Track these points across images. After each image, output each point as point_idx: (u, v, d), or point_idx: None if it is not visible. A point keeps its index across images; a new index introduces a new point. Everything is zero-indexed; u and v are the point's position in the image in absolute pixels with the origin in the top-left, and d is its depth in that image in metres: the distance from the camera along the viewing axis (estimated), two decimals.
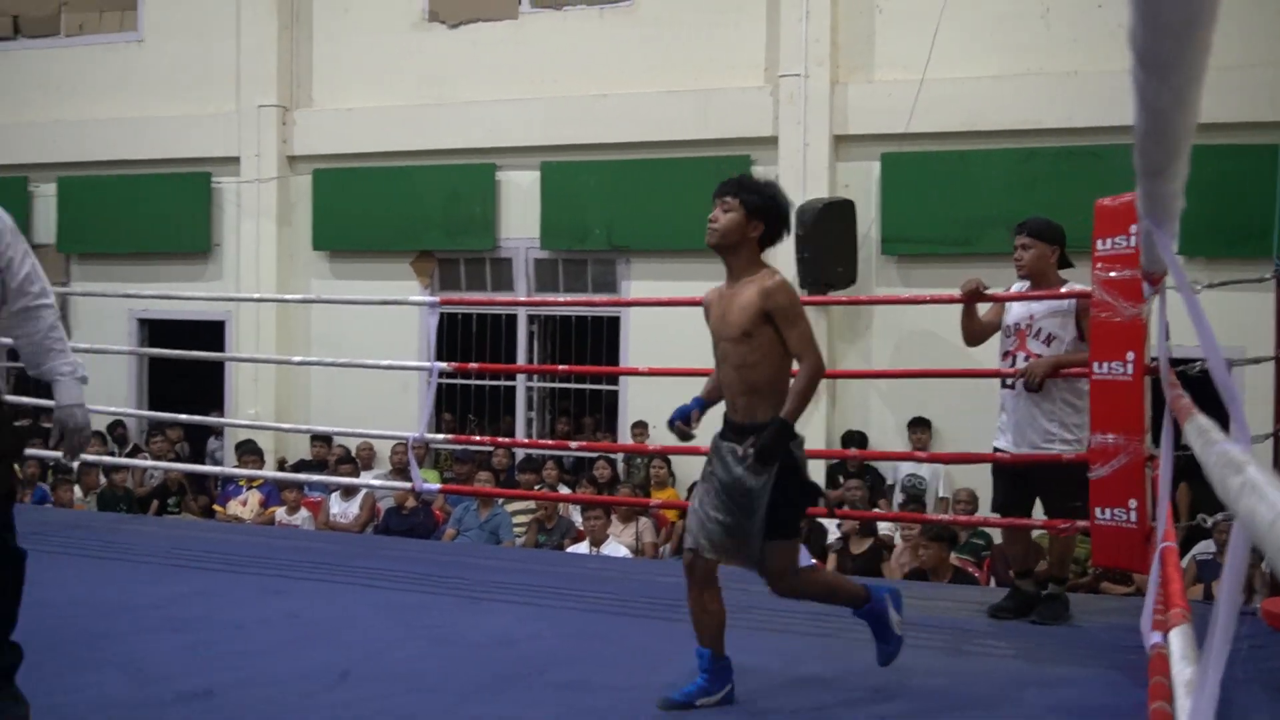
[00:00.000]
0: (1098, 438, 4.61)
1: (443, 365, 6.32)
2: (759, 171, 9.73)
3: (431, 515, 8.58)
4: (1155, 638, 3.40)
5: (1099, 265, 4.63)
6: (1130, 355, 4.54)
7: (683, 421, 3.95)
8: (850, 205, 9.26)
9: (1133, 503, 4.53)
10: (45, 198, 12.05)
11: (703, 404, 3.97)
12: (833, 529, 7.85)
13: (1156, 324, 4.62)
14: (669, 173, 9.98)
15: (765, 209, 3.63)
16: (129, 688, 3.77)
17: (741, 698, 3.77)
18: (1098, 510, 4.63)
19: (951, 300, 5.22)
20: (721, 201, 3.64)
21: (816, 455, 9.07)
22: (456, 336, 10.57)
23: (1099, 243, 4.65)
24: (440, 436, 6.62)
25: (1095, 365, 4.62)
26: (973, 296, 4.97)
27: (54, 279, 11.72)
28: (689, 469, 9.21)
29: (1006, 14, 9.10)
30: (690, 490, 6.10)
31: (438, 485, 7.02)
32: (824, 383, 9.28)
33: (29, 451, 8.51)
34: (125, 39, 11.97)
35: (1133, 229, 4.48)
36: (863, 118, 9.44)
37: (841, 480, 8.70)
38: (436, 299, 6.52)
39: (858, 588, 3.80)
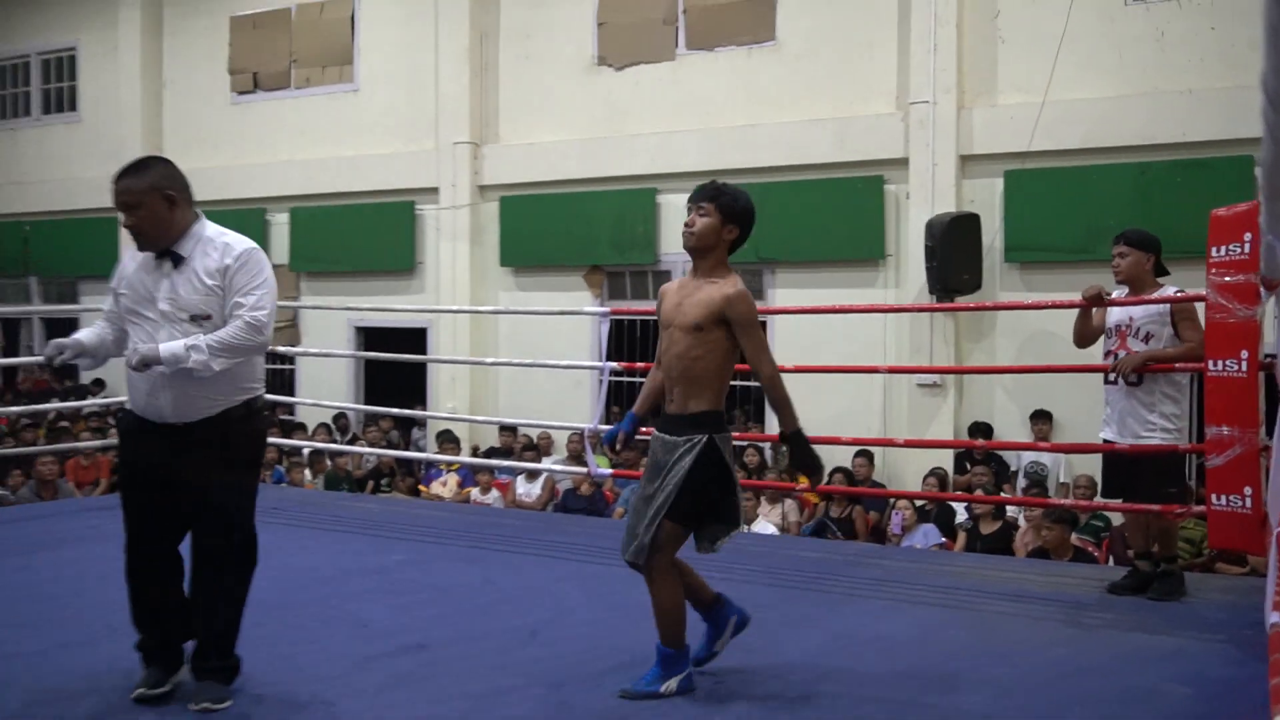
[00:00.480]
0: (1213, 430, 4.44)
1: (613, 365, 6.41)
2: (891, 191, 9.61)
3: (603, 496, 8.72)
4: (1275, 617, 3.26)
5: (1214, 270, 4.45)
6: (1244, 354, 4.38)
7: (610, 445, 3.69)
8: (975, 218, 9.05)
9: (1248, 490, 4.36)
10: (279, 225, 12.65)
11: (635, 421, 3.64)
12: (960, 510, 7.70)
13: (1271, 325, 4.43)
14: (809, 192, 9.91)
15: (739, 214, 3.40)
16: (355, 642, 3.91)
17: (881, 665, 3.76)
18: (1214, 496, 4.46)
19: (1070, 305, 5.08)
20: (698, 207, 3.40)
21: (944, 445, 8.94)
22: (623, 339, 10.70)
23: (1214, 250, 4.47)
24: (612, 427, 6.71)
25: (1210, 363, 4.45)
26: (1094, 301, 4.85)
27: (287, 294, 12.36)
28: (831, 456, 9.14)
29: (1123, 37, 8.75)
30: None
31: (609, 470, 7.10)
32: (951, 377, 9.18)
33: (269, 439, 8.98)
34: (344, 89, 12.47)
35: (1246, 236, 4.31)
36: (987, 138, 9.20)
37: (968, 466, 8.52)
38: (607, 309, 6.62)
39: (683, 635, 3.37)
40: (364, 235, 12.09)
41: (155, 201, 3.13)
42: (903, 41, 9.55)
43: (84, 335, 3.37)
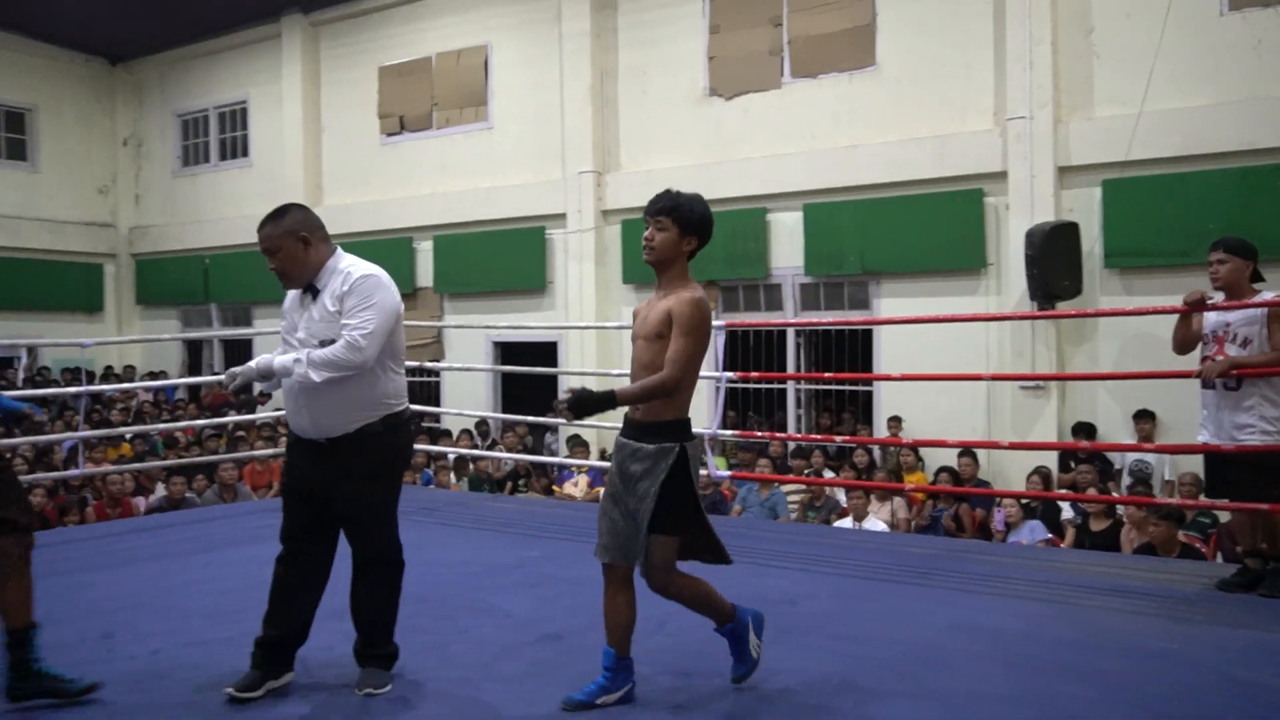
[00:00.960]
0: None
1: (729, 374, 6.39)
2: (991, 203, 9.35)
3: (721, 495, 8.68)
4: None
5: None
6: None
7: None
8: (1074, 227, 8.73)
9: None
10: (424, 252, 13.00)
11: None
12: (1066, 508, 7.43)
13: None
14: (911, 207, 9.72)
15: (696, 225, 3.16)
16: (499, 631, 3.98)
17: (991, 656, 3.65)
18: None
19: (1171, 310, 4.86)
20: (655, 221, 3.16)
21: (1049, 447, 8.63)
22: (737, 348, 10.67)
23: None
24: (728, 432, 6.69)
25: None
26: (1198, 305, 4.63)
27: (431, 314, 12.68)
28: (936, 456, 8.94)
29: (1219, 46, 8.34)
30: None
31: (727, 471, 7.09)
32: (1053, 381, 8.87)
33: (417, 446, 9.22)
34: (479, 128, 12.76)
35: None
36: (1084, 150, 8.87)
37: (1072, 465, 8.21)
38: (723, 322, 6.60)
39: (726, 605, 3.29)
40: (499, 258, 12.34)
41: (291, 244, 3.24)
42: (999, 61, 9.29)
43: (255, 363, 3.43)
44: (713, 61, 10.99)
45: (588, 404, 3.01)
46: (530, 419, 8.82)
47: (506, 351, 12.51)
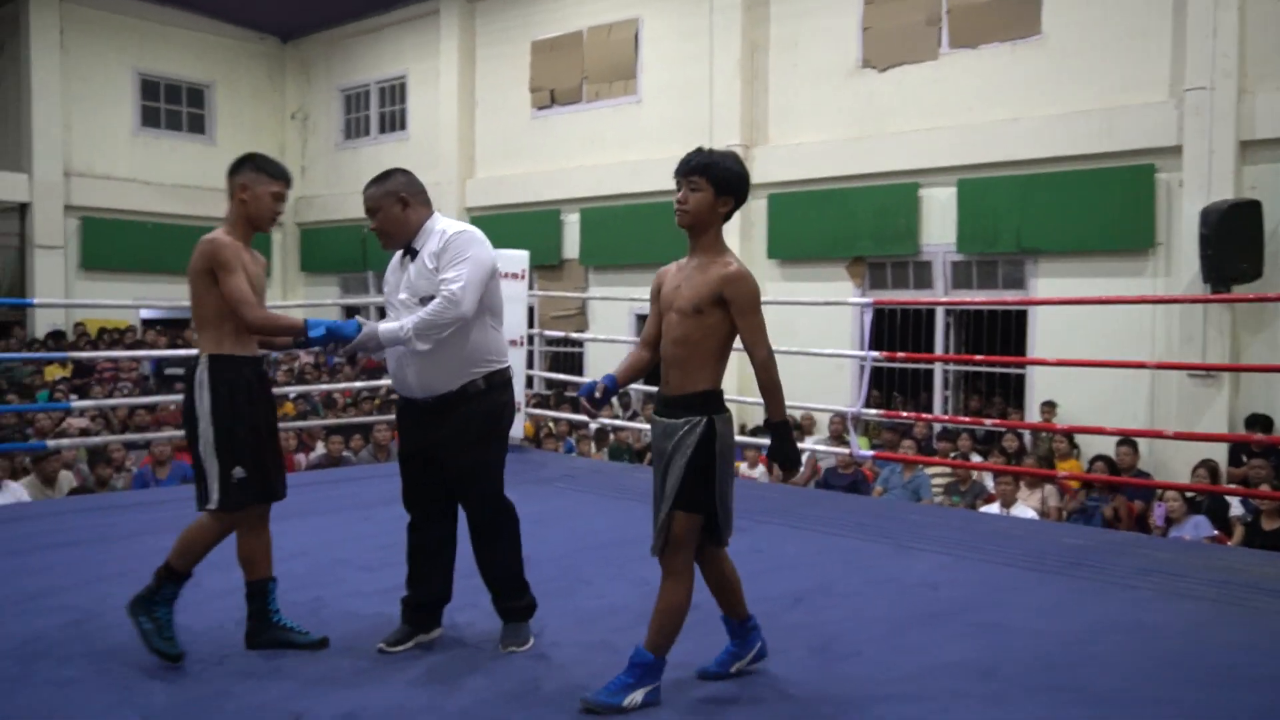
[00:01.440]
0: None
1: (875, 354, 6.25)
2: (1163, 180, 8.84)
3: (862, 475, 8.56)
4: None
5: None
6: None
7: (587, 398, 3.15)
8: (1256, 205, 8.16)
9: None
10: (571, 224, 13.20)
11: (613, 381, 3.16)
12: (1235, 504, 7.00)
13: None
14: (1075, 183, 9.28)
15: (734, 184, 2.96)
16: (639, 599, 3.99)
17: (1145, 655, 3.48)
18: None
19: None
20: (688, 181, 2.95)
21: (1218, 438, 8.13)
22: (883, 326, 10.45)
23: None
24: (873, 412, 6.57)
25: None
26: None
27: (576, 286, 12.88)
28: (1093, 444, 8.55)
29: None
30: None
31: (870, 451, 6.96)
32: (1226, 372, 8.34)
33: (557, 415, 9.41)
34: (628, 101, 12.84)
35: None
36: (1271, 123, 8.27)
37: (1244, 459, 7.72)
38: (871, 300, 6.46)
39: (669, 645, 2.99)
40: (645, 231, 12.40)
41: (391, 204, 3.32)
42: (1178, 28, 8.74)
43: (363, 333, 3.38)
44: (867, 33, 10.72)
45: (787, 445, 2.97)
46: None
47: None
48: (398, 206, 3.32)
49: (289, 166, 3.56)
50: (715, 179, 2.93)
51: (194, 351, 3.42)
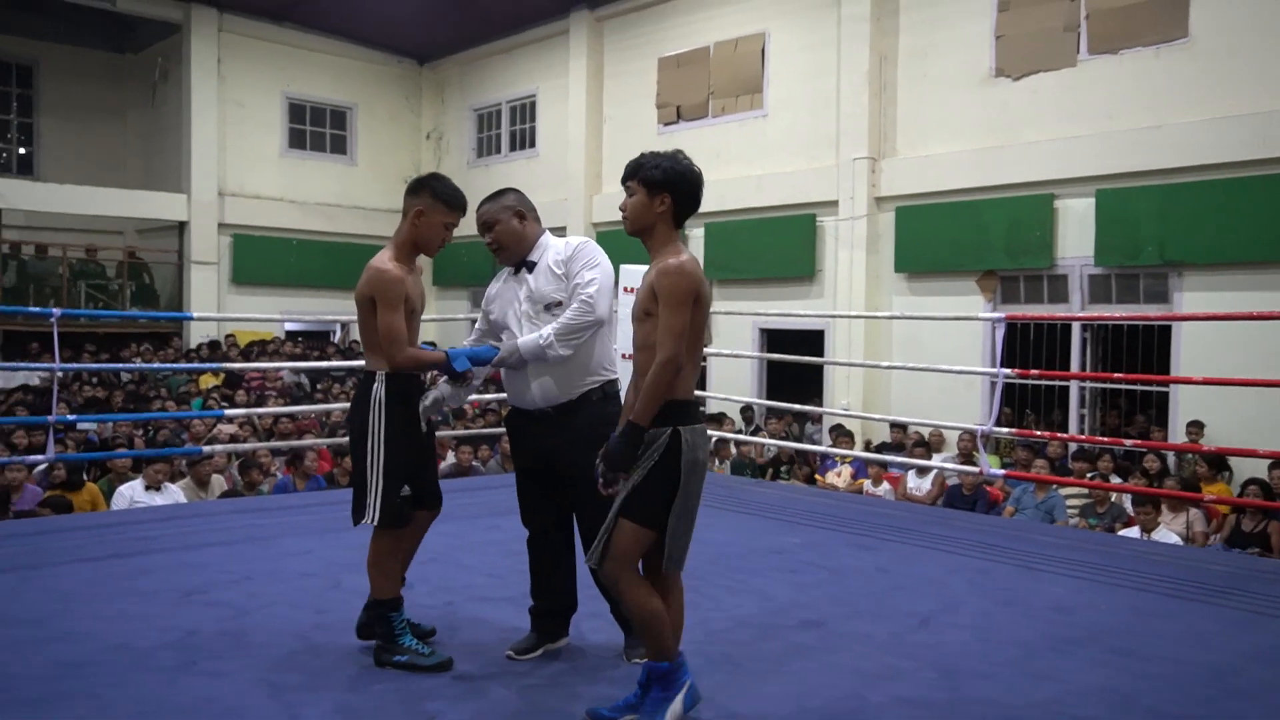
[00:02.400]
0: None
1: (1007, 371, 6.07)
2: None
3: (986, 494, 8.29)
4: None
5: None
6: None
7: None
8: None
9: None
10: (695, 238, 13.25)
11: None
12: None
13: None
14: (1223, 192, 8.83)
15: (664, 181, 2.85)
16: (761, 613, 4.03)
17: (1191, 656, 3.29)
18: None
19: None
20: (625, 188, 2.90)
21: None
22: (1015, 341, 10.14)
23: None
24: (1006, 430, 6.37)
25: None
26: None
27: None
28: (1244, 467, 8.10)
29: None
30: None
31: (1001, 470, 6.77)
32: None
33: None
34: (754, 115, 12.83)
35: None
36: None
37: None
38: (1003, 315, 6.27)
39: (672, 646, 2.82)
40: (769, 245, 12.37)
41: (509, 218, 3.42)
42: None
43: (503, 351, 3.42)
44: (1000, 40, 10.46)
45: (624, 450, 2.77)
46: (795, 407, 8.81)
47: (773, 338, 12.54)
48: (515, 220, 3.43)
49: None
50: (644, 179, 2.87)
51: (337, 364, 3.57)
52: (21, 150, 16.91)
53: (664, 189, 2.86)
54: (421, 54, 17.89)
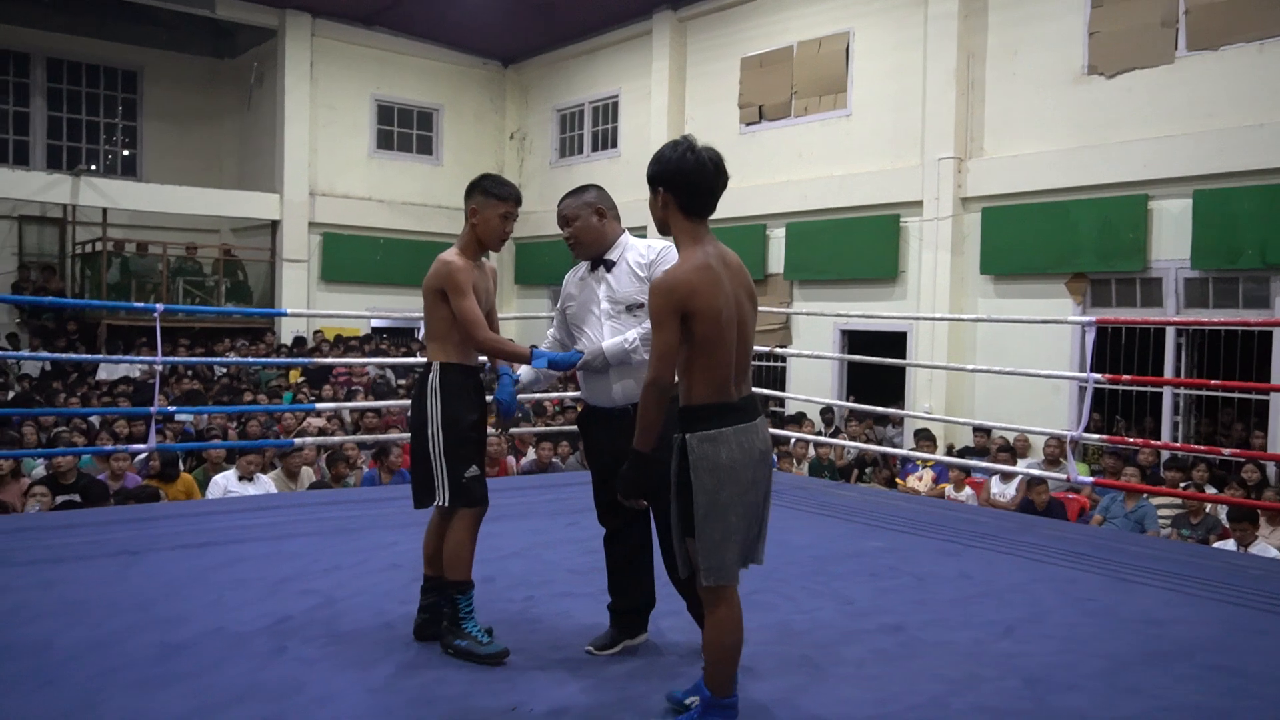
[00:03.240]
0: None
1: (1098, 376, 5.91)
2: None
3: (1059, 503, 8.05)
4: None
5: None
6: None
7: None
8: None
9: None
10: (777, 239, 13.18)
11: None
12: None
13: None
14: None
15: (657, 176, 2.77)
16: (841, 616, 4.01)
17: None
18: None
19: None
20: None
21: None
22: (1105, 346, 9.87)
23: None
24: (1095, 437, 6.21)
25: None
26: None
27: (779, 301, 12.84)
28: None
29: None
30: None
31: (1090, 477, 6.59)
32: None
33: None
34: (837, 115, 12.71)
35: None
36: None
37: None
38: (1093, 319, 6.11)
39: (728, 682, 2.73)
40: (851, 246, 12.24)
41: (589, 215, 3.44)
42: None
43: (588, 355, 3.46)
44: (1094, 37, 10.19)
45: (632, 481, 2.80)
46: (876, 409, 8.72)
47: (854, 340, 12.41)
48: (595, 217, 3.46)
49: None
50: (650, 179, 2.81)
51: (421, 360, 3.66)
52: (126, 152, 17.59)
53: (657, 184, 2.77)
54: (506, 56, 18.12)
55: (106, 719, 2.79)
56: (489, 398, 3.55)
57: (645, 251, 3.46)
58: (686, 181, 2.72)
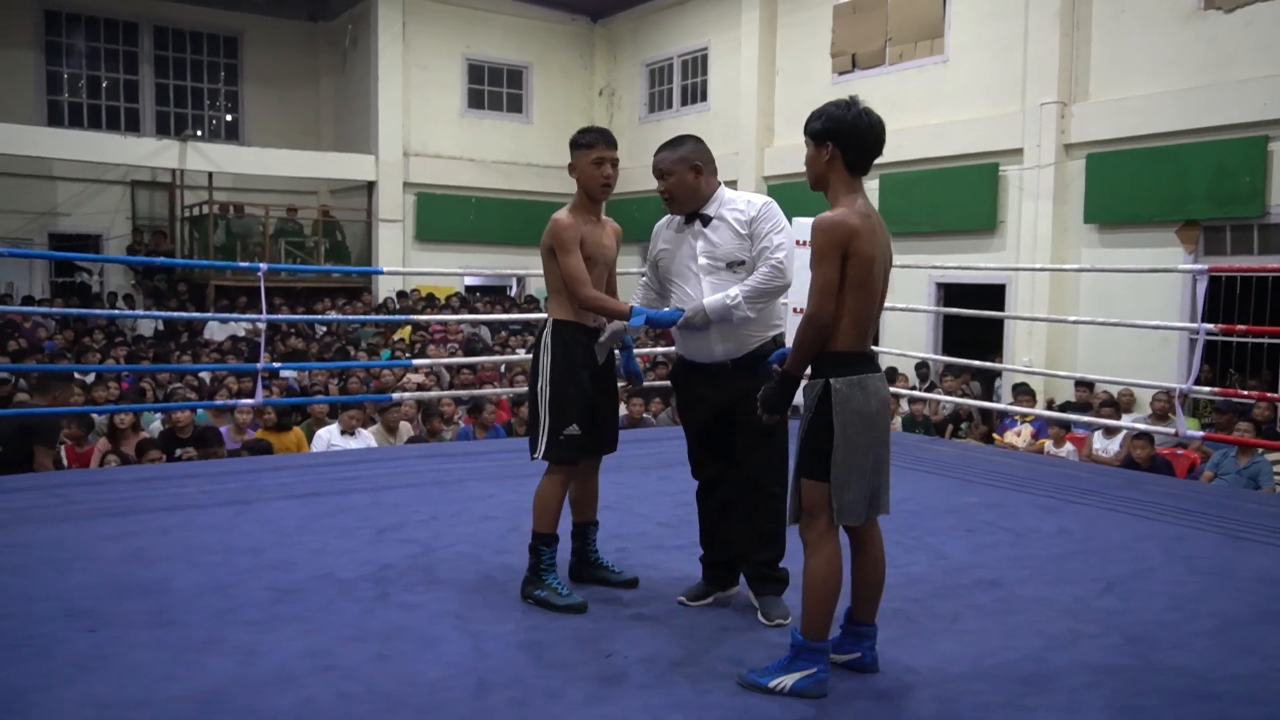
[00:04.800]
0: None
1: (1209, 327, 5.66)
2: None
3: (1164, 460, 7.75)
4: None
5: None
6: None
7: None
8: None
9: None
10: (870, 191, 12.77)
11: None
12: None
13: None
14: None
15: (825, 131, 2.79)
16: (937, 571, 3.97)
17: None
18: None
19: None
20: (807, 144, 2.85)
21: None
22: (1219, 296, 9.46)
23: None
24: (1206, 389, 5.97)
25: None
26: None
27: None
28: None
29: None
30: None
31: (1200, 432, 6.35)
32: None
33: None
34: (934, 61, 12.34)
35: None
36: None
37: None
38: (1205, 267, 5.85)
39: (823, 627, 2.74)
40: (947, 197, 11.94)
41: (685, 170, 3.37)
42: None
43: (689, 312, 3.42)
44: None
45: (774, 398, 2.89)
46: (973, 363, 8.53)
47: (950, 293, 12.13)
48: (691, 173, 3.40)
49: None
50: (810, 131, 2.85)
51: (514, 317, 3.71)
52: (229, 117, 18.09)
53: (827, 139, 2.80)
54: (594, 11, 18.02)
55: (227, 656, 2.93)
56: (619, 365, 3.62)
57: (745, 208, 3.40)
58: (859, 140, 2.80)
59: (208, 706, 2.60)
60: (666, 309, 3.45)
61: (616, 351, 3.68)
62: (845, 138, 2.79)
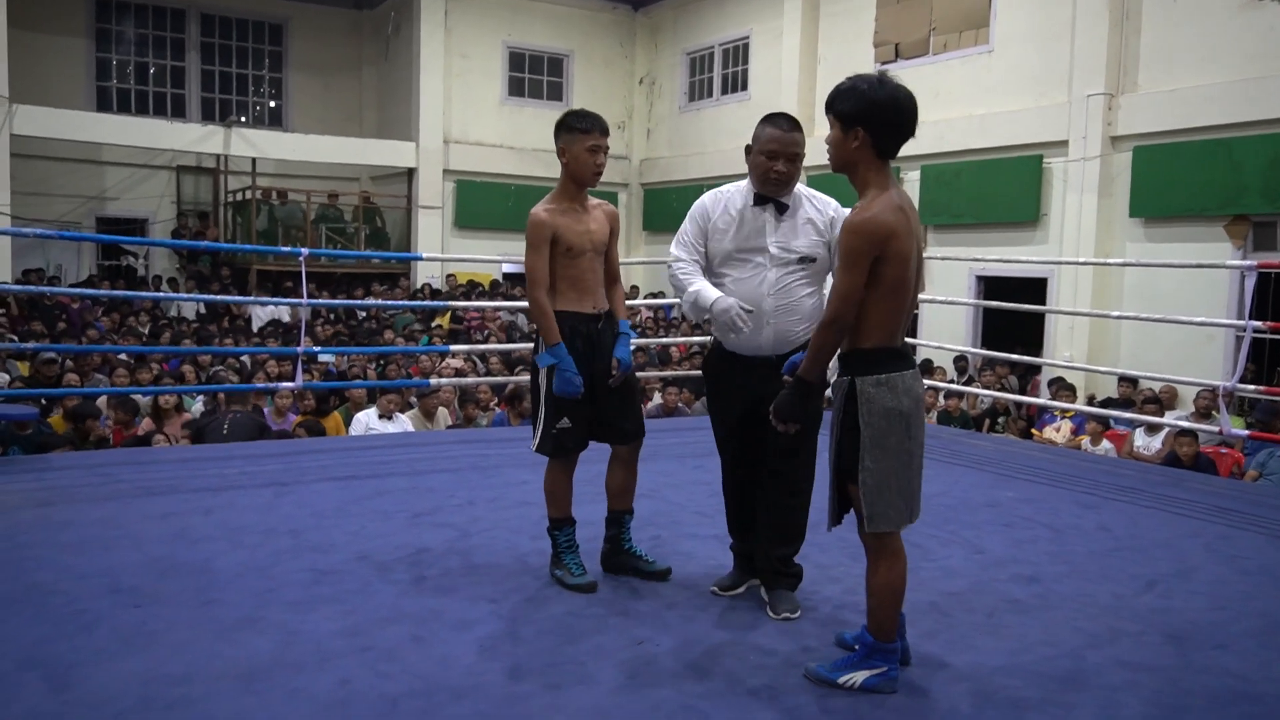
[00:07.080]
0: None
1: (1258, 324, 5.55)
2: None
3: (1208, 458, 7.61)
4: None
5: None
6: None
7: None
8: None
9: None
10: (911, 182, 12.79)
11: None
12: None
13: None
14: None
15: (855, 114, 2.56)
16: (973, 566, 3.92)
17: None
18: None
19: None
20: (829, 121, 2.64)
21: None
22: (1269, 293, 9.27)
23: None
24: (1251, 388, 5.86)
25: None
26: None
27: None
28: None
29: None
30: None
31: (1245, 430, 6.24)
32: None
33: None
34: (978, 51, 12.19)
35: None
36: None
37: None
38: (1255, 263, 5.74)
39: (892, 628, 2.70)
40: (990, 189, 11.80)
41: (800, 161, 3.29)
42: None
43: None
44: None
45: (789, 406, 2.76)
46: (1011, 357, 8.44)
47: (990, 286, 12.00)
48: (800, 162, 3.32)
49: (636, 130, 3.69)
50: (836, 112, 2.62)
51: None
52: (273, 104, 18.28)
53: (857, 122, 2.59)
54: (635, 0, 17.99)
55: (267, 635, 2.98)
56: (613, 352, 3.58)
57: (822, 207, 3.35)
58: (890, 121, 2.59)
59: (249, 684, 2.65)
60: (622, 334, 3.54)
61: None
62: (877, 122, 2.58)
